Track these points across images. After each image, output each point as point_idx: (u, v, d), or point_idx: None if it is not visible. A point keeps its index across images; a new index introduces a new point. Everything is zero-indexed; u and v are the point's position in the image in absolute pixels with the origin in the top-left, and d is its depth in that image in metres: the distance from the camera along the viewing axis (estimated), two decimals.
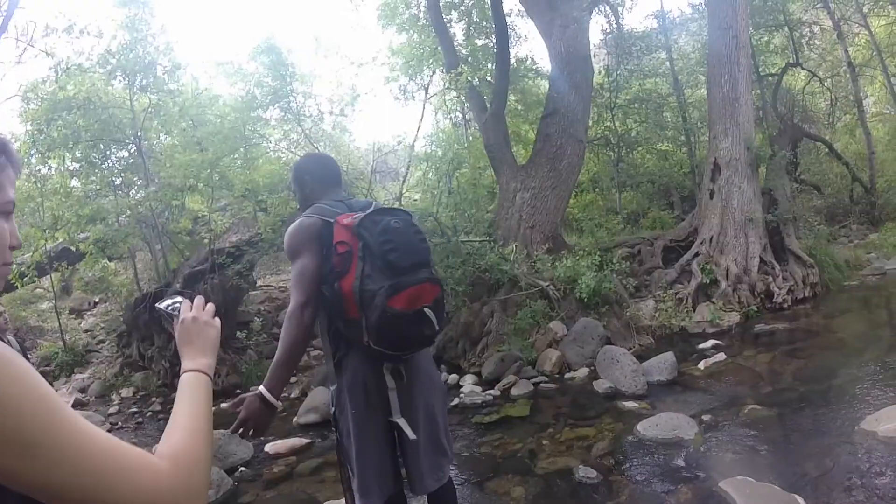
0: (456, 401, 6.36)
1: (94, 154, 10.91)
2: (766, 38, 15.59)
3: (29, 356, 9.49)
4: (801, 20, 16.10)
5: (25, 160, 10.36)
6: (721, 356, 6.55)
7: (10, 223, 0.94)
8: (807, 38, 16.70)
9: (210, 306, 1.23)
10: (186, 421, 0.93)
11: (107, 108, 10.50)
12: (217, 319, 1.22)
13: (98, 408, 8.47)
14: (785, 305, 8.61)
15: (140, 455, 0.77)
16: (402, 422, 2.23)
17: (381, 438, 2.29)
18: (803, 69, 16.17)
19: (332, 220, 2.19)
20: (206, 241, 10.38)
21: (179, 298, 1.27)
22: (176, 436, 0.89)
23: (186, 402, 0.98)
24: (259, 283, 13.20)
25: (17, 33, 10.85)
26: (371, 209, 2.19)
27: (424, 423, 2.29)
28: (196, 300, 1.23)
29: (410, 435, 2.22)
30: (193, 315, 1.19)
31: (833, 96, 17.84)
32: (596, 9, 12.99)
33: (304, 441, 5.76)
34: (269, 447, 5.70)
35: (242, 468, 5.33)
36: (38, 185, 10.78)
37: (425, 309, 2.10)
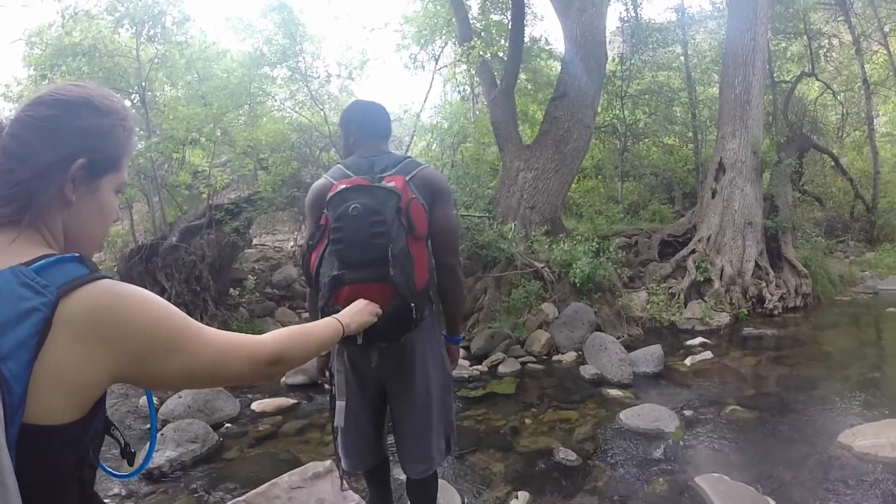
0: None
1: None
2: (783, 45, 15.45)
3: None
4: (821, 31, 15.91)
5: None
6: (708, 354, 6.61)
7: (116, 200, 1.12)
8: (825, 50, 16.52)
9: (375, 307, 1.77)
10: (301, 329, 1.27)
11: (112, 57, 10.36)
12: (375, 308, 1.75)
13: None
14: (775, 312, 8.66)
15: (247, 336, 1.12)
16: (339, 405, 2.21)
17: (363, 412, 2.32)
18: (818, 80, 16.04)
19: (333, 184, 2.08)
20: (204, 195, 10.32)
21: None
22: (287, 331, 1.23)
23: (311, 324, 1.37)
24: (255, 241, 13.16)
25: None
26: (347, 185, 2.00)
27: (409, 412, 2.25)
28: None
29: (338, 422, 2.22)
30: (366, 302, 1.73)
31: (845, 111, 17.73)
32: None
33: (291, 401, 5.79)
34: (256, 405, 5.73)
35: (228, 424, 5.35)
36: None
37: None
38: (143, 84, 10.56)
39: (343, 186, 1.99)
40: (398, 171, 2.12)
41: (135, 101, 11.08)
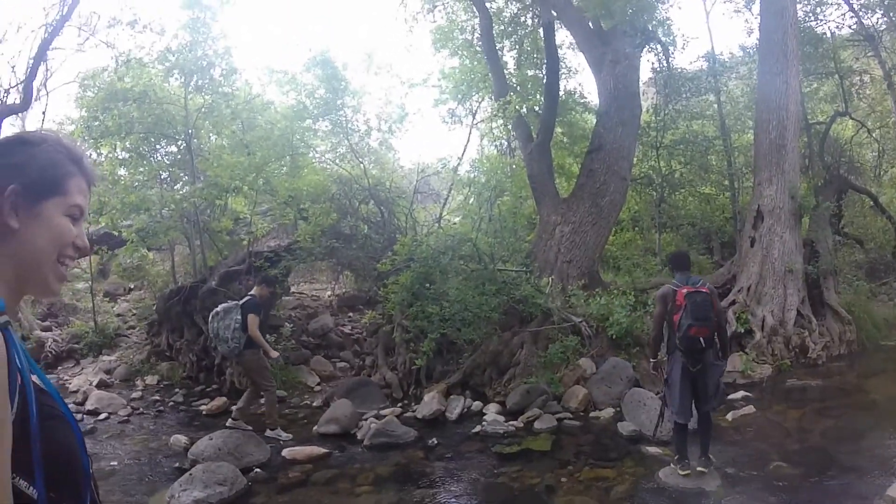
0: (478, 428, 6.37)
1: (144, 146, 11.31)
2: (815, 86, 15.30)
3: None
4: (852, 69, 15.68)
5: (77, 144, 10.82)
6: (750, 408, 6.45)
7: (78, 227, 1.06)
8: (856, 87, 16.27)
9: None
10: None
11: (161, 104, 10.89)
12: None
13: (121, 391, 8.66)
14: (819, 361, 8.42)
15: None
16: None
17: (686, 388, 4.70)
18: (852, 119, 15.71)
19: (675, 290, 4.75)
20: (245, 242, 10.59)
21: None
22: None
23: None
24: (293, 289, 13.36)
25: (80, 22, 11.32)
26: (691, 290, 4.67)
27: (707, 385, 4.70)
28: None
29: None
30: None
31: (881, 148, 17.33)
32: (647, 47, 12.96)
33: (323, 450, 5.81)
34: (287, 452, 5.77)
35: (258, 469, 5.40)
36: None
37: (700, 338, 4.54)
38: (190, 131, 11.01)
39: (687, 290, 4.67)
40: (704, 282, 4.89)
41: (181, 148, 11.55)
